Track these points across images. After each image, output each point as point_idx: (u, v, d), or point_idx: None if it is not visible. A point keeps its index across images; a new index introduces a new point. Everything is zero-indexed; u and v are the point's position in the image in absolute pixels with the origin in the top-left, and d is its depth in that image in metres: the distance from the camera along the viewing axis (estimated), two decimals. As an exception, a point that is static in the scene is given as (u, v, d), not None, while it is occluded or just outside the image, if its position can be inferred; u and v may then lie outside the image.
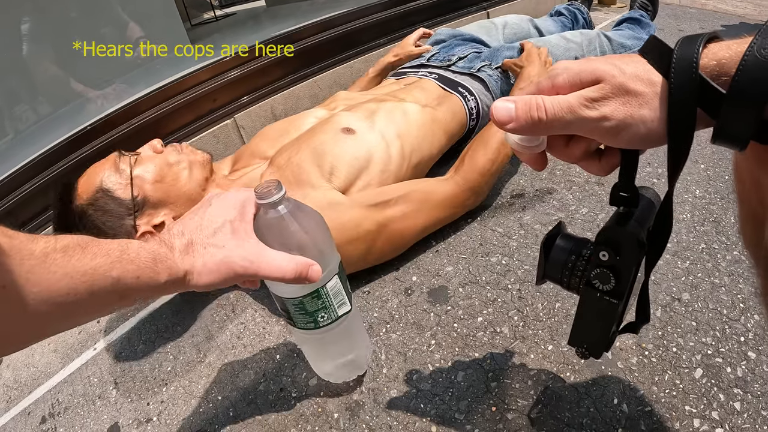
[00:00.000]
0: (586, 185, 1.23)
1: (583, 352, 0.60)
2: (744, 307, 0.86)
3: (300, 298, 0.67)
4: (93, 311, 0.46)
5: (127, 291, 0.47)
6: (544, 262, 0.58)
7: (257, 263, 0.55)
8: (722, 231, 1.04)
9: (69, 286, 0.41)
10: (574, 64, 0.43)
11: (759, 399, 0.72)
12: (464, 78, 1.43)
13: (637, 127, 0.39)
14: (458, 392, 0.80)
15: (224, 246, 0.54)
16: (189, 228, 0.55)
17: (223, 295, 1.12)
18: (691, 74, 0.37)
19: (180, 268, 0.51)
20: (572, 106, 0.41)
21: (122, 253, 0.47)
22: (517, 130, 0.44)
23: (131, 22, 1.71)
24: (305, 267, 0.58)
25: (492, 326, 0.89)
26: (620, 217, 0.50)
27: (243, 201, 0.59)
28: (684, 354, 0.80)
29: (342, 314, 0.73)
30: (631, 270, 0.50)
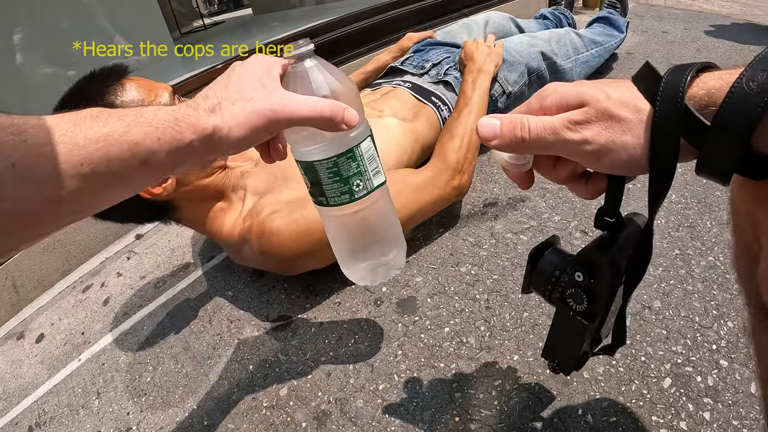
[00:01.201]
0: (559, 192, 1.24)
1: (553, 367, 0.60)
2: (717, 314, 0.86)
3: (334, 159, 0.61)
4: (115, 183, 0.42)
5: (149, 155, 0.42)
6: (530, 272, 0.58)
7: (290, 105, 0.50)
8: (697, 236, 1.03)
9: (82, 156, 0.38)
10: (563, 86, 0.43)
11: (730, 408, 0.72)
12: (437, 86, 1.45)
13: (618, 153, 0.39)
14: (422, 402, 0.81)
15: (253, 98, 0.49)
16: (214, 90, 0.50)
17: (201, 307, 1.15)
18: (677, 103, 0.36)
19: (207, 124, 0.46)
20: (555, 127, 0.41)
21: (138, 117, 0.43)
22: (500, 147, 0.44)
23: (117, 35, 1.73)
24: (341, 108, 0.52)
25: (458, 336, 0.91)
26: (602, 241, 0.51)
27: (269, 62, 0.54)
28: (653, 363, 0.79)
29: (377, 185, 0.66)
30: (605, 294, 0.50)
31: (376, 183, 0.66)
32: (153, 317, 1.17)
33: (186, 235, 1.47)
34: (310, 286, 1.12)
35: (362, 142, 0.63)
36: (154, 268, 1.35)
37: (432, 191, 1.09)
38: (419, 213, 1.08)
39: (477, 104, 1.26)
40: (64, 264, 1.44)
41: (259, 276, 1.20)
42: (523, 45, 1.57)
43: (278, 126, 0.50)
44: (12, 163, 0.35)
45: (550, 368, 0.61)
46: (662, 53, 2.04)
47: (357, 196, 0.64)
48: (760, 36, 2.14)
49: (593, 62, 1.74)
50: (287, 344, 0.98)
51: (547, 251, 0.58)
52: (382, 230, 0.73)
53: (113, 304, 1.26)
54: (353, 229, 0.71)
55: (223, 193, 1.07)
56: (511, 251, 1.08)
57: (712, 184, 1.18)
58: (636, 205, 1.12)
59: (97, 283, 1.37)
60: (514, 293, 0.97)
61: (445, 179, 1.11)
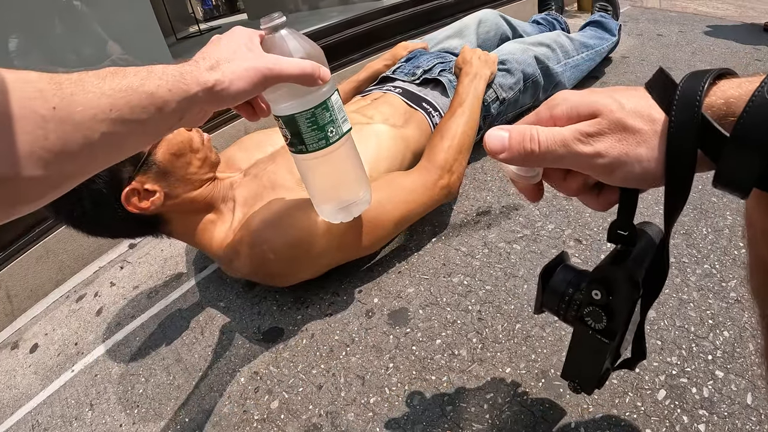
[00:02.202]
0: (553, 200, 1.24)
1: (575, 387, 0.59)
2: (713, 323, 0.85)
3: (312, 110, 0.71)
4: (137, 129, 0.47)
5: (163, 104, 0.48)
6: (542, 292, 0.57)
7: (280, 64, 0.58)
8: (693, 244, 1.03)
9: (109, 103, 0.44)
10: (574, 95, 0.41)
11: (725, 420, 0.71)
12: (428, 91, 1.44)
13: (632, 166, 0.38)
14: (413, 416, 0.81)
15: (245, 59, 0.57)
16: (209, 52, 0.57)
17: (193, 318, 1.15)
18: (694, 113, 0.35)
19: (209, 78, 0.53)
20: (566, 139, 0.40)
21: (150, 72, 0.48)
22: (509, 160, 0.43)
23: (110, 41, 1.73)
24: (317, 66, 0.62)
25: (450, 348, 0.91)
26: (617, 256, 0.49)
27: (248, 32, 0.62)
28: (647, 375, 0.79)
29: (347, 130, 0.77)
30: (624, 311, 0.48)
31: (345, 129, 0.77)
32: (145, 328, 1.17)
33: (179, 244, 1.47)
34: (302, 298, 1.12)
35: (332, 95, 0.73)
36: (147, 278, 1.35)
37: (420, 192, 1.10)
38: (409, 214, 1.09)
39: (470, 106, 1.26)
40: (58, 274, 1.44)
41: (251, 287, 1.20)
42: (517, 50, 1.56)
43: (271, 81, 0.58)
44: (53, 106, 0.40)
45: (570, 388, 0.59)
46: (657, 56, 2.04)
47: (332, 141, 0.75)
48: (755, 37, 2.13)
49: (584, 66, 1.73)
50: (278, 356, 0.98)
51: (558, 269, 0.56)
52: (352, 171, 0.84)
53: (106, 315, 1.26)
54: (328, 172, 0.81)
55: (212, 205, 1.07)
56: (504, 261, 1.08)
57: (708, 189, 1.17)
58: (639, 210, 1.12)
59: (90, 293, 1.36)
60: (507, 304, 0.97)
61: (433, 179, 1.12)
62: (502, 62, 1.49)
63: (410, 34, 2.18)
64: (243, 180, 1.12)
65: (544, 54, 1.59)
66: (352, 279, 1.13)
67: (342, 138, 0.76)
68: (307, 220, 0.98)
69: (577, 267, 0.56)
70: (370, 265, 1.17)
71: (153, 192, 0.96)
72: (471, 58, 1.40)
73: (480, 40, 1.79)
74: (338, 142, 0.76)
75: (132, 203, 0.93)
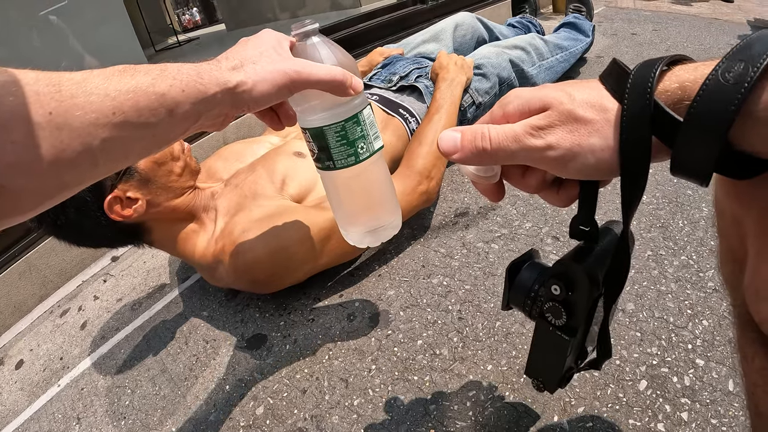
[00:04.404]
0: (530, 199, 1.26)
1: (538, 385, 0.58)
2: (692, 313, 0.86)
3: (342, 123, 0.66)
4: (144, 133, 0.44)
5: (175, 106, 0.45)
6: (509, 289, 0.56)
7: (309, 68, 0.54)
8: (669, 236, 1.05)
9: (113, 106, 0.41)
10: (526, 91, 0.41)
11: (708, 407, 0.72)
12: (404, 98, 1.46)
13: (585, 157, 0.37)
14: (397, 416, 0.82)
15: (273, 61, 0.53)
16: (234, 53, 0.54)
17: (177, 329, 1.15)
18: (646, 99, 0.34)
19: (230, 79, 0.49)
20: (517, 135, 0.39)
21: (162, 71, 0.45)
22: (463, 160, 0.42)
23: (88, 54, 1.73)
24: (349, 75, 0.58)
25: (432, 348, 0.92)
26: (579, 252, 0.49)
27: (278, 36, 0.59)
28: (628, 366, 0.80)
29: (378, 147, 0.72)
30: (584, 307, 0.48)
31: (377, 146, 0.72)
32: (130, 340, 1.17)
33: (161, 256, 1.47)
34: (284, 304, 1.12)
35: (364, 109, 0.68)
36: (130, 290, 1.35)
37: (400, 197, 1.09)
38: None
39: (447, 112, 1.28)
40: (41, 289, 1.43)
41: (234, 295, 1.21)
42: (492, 54, 1.58)
43: (298, 86, 0.54)
44: (49, 111, 0.37)
45: (534, 386, 0.59)
46: (632, 55, 2.07)
47: (362, 158, 0.70)
48: (729, 34, 2.17)
49: (558, 67, 1.76)
50: (263, 363, 0.99)
51: (525, 266, 0.56)
52: (382, 192, 0.78)
53: (90, 328, 1.26)
54: (357, 192, 0.76)
55: (193, 215, 1.08)
56: (483, 260, 1.10)
57: (682, 183, 1.19)
58: (607, 208, 1.14)
59: (74, 307, 1.36)
60: (486, 303, 0.98)
61: (412, 185, 1.13)
62: (477, 67, 1.51)
63: (387, 40, 2.20)
64: (224, 190, 1.13)
65: (518, 57, 1.61)
66: (333, 284, 1.15)
67: (373, 156, 0.71)
68: (289, 228, 0.99)
69: (544, 264, 0.56)
70: (351, 269, 1.18)
71: (135, 200, 0.96)
72: (447, 64, 1.42)
73: (456, 44, 1.81)
74: (369, 159, 0.71)
75: (115, 211, 0.94)
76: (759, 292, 0.35)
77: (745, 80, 0.29)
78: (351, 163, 0.69)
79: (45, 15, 1.64)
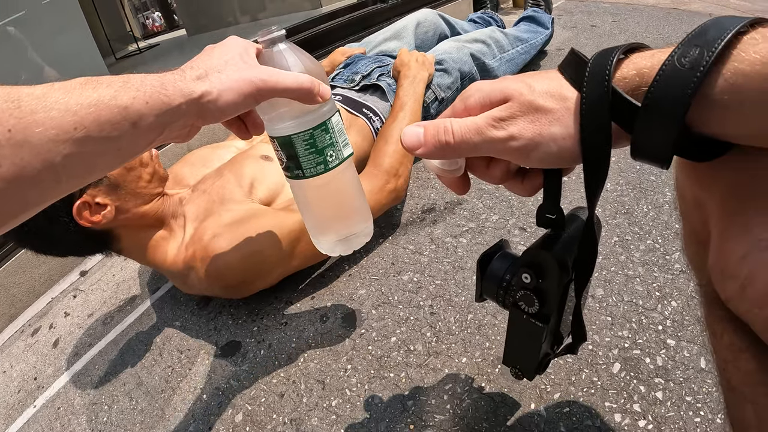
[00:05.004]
0: (496, 192, 1.28)
1: (516, 373, 0.59)
2: (660, 295, 0.88)
3: (310, 131, 0.65)
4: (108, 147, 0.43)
5: (139, 118, 0.44)
6: (481, 280, 0.57)
7: (275, 76, 0.53)
8: (635, 222, 1.07)
9: (75, 121, 0.40)
10: (486, 84, 0.41)
11: (681, 385, 0.73)
12: (367, 97, 1.46)
13: (547, 145, 0.37)
14: (376, 414, 0.82)
15: (239, 69, 0.52)
16: (199, 62, 0.52)
17: (151, 341, 1.14)
18: (604, 86, 0.35)
19: (195, 89, 0.48)
20: (479, 127, 0.39)
21: (125, 83, 0.44)
22: (426, 155, 0.43)
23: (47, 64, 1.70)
24: (317, 82, 0.57)
25: (406, 345, 0.93)
26: (546, 240, 0.49)
27: (244, 43, 0.58)
28: (600, 350, 0.81)
29: (347, 155, 0.72)
30: (555, 293, 0.48)
31: (346, 154, 0.72)
32: (104, 355, 1.16)
33: (130, 267, 1.46)
34: (256, 309, 1.13)
35: (333, 116, 0.68)
36: (100, 305, 1.33)
37: (369, 197, 1.10)
38: None
39: (411, 109, 1.29)
40: (11, 308, 1.41)
41: (206, 303, 1.20)
42: (452, 49, 1.60)
43: (264, 94, 0.53)
44: (8, 129, 0.37)
45: (513, 375, 0.59)
46: (592, 47, 2.11)
47: (331, 166, 0.69)
48: (687, 23, 2.21)
49: (519, 59, 1.78)
50: (238, 369, 0.99)
51: (496, 257, 0.57)
52: (352, 199, 0.78)
53: (63, 346, 1.24)
54: (327, 200, 0.76)
55: (162, 221, 1.07)
56: (452, 255, 1.11)
57: (645, 169, 1.23)
58: (572, 197, 1.16)
59: (45, 325, 1.34)
60: (457, 296, 1.00)
61: (380, 184, 1.13)
62: (438, 62, 1.52)
63: (348, 40, 2.21)
64: (192, 195, 1.13)
65: (479, 50, 1.63)
66: (304, 286, 1.15)
67: (343, 163, 0.71)
68: (260, 232, 1.00)
69: (514, 253, 0.57)
70: (321, 271, 1.18)
71: (104, 206, 0.96)
72: (409, 61, 1.43)
73: (418, 41, 1.82)
74: (338, 167, 0.70)
75: (84, 217, 0.93)
76: (723, 272, 0.36)
77: (701, 65, 0.31)
78: (320, 171, 0.69)
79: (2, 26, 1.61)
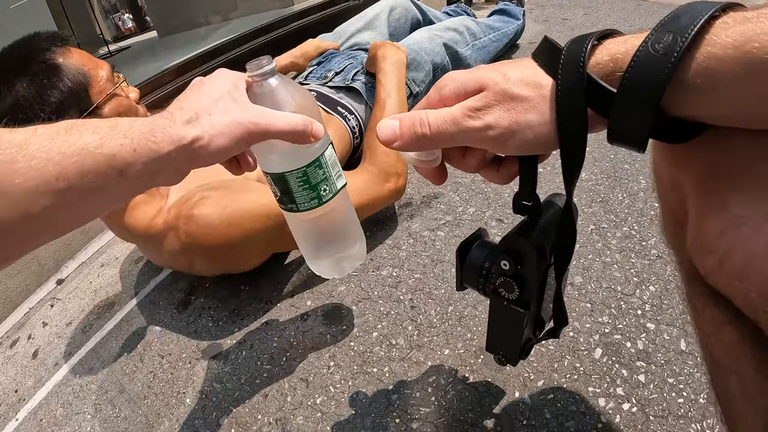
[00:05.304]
0: (472, 185, 1.29)
1: (500, 359, 0.60)
2: (638, 280, 0.90)
3: (304, 169, 0.65)
4: (92, 196, 0.42)
5: (126, 167, 0.42)
6: (461, 269, 0.57)
7: (267, 119, 0.52)
8: (610, 209, 1.09)
9: (56, 171, 0.38)
10: (461, 74, 0.41)
11: (663, 368, 0.75)
12: (341, 95, 1.45)
13: (523, 133, 0.38)
14: (361, 410, 0.83)
15: (229, 110, 0.50)
16: (188, 102, 0.50)
17: (131, 347, 1.13)
18: (579, 73, 0.35)
19: (185, 135, 0.46)
20: (455, 118, 0.40)
21: (112, 129, 0.42)
22: (403, 147, 0.43)
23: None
24: (309, 122, 0.56)
25: (387, 339, 0.94)
26: (523, 227, 0.49)
27: (234, 77, 0.56)
28: (581, 336, 0.83)
29: (341, 186, 0.72)
30: (534, 279, 0.49)
31: (339, 185, 0.72)
32: (84, 364, 1.14)
33: (107, 273, 1.44)
34: (236, 310, 1.12)
35: (326, 150, 0.67)
36: (79, 313, 1.32)
37: (369, 194, 1.08)
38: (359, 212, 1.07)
39: (398, 100, 1.27)
40: (-14, 321, 1.39)
41: (185, 307, 1.20)
42: (424, 40, 1.59)
43: (256, 138, 0.52)
44: None
45: (496, 361, 0.60)
46: (564, 39, 2.02)
47: (325, 200, 0.70)
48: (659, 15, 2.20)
49: (491, 47, 1.79)
50: (221, 372, 0.99)
51: (474, 245, 0.57)
52: (345, 227, 0.79)
53: (43, 356, 1.22)
54: (321, 230, 0.77)
55: None
56: (430, 248, 1.12)
57: (620, 158, 1.25)
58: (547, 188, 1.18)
59: (23, 336, 1.32)
60: (437, 289, 1.01)
61: (379, 183, 1.10)
62: (411, 56, 1.52)
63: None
64: None
65: (452, 39, 1.63)
66: (283, 285, 1.15)
67: (336, 196, 0.71)
68: (249, 201, 0.98)
69: (493, 242, 0.57)
70: (300, 269, 1.19)
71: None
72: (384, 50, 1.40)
73: (391, 29, 1.81)
74: (331, 200, 0.71)
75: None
76: (702, 248, 0.36)
77: (675, 50, 0.31)
78: (314, 206, 0.69)
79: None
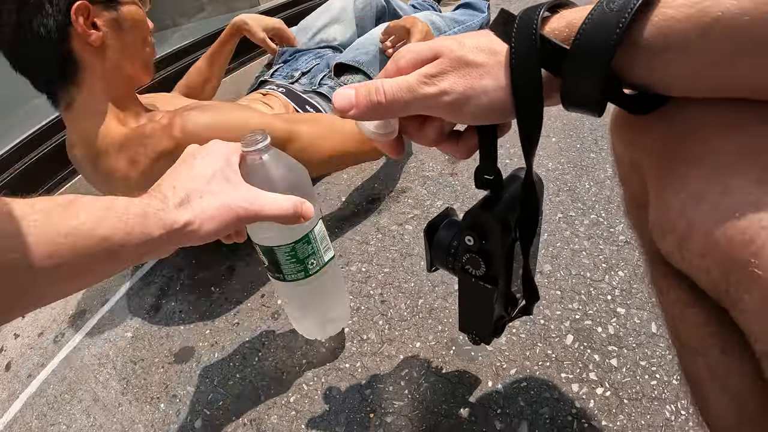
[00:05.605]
0: (440, 178, 1.30)
1: (473, 338, 0.60)
2: (607, 266, 0.91)
3: (292, 245, 0.67)
4: (81, 274, 0.43)
5: (118, 249, 0.44)
6: (430, 250, 0.58)
7: (257, 203, 0.53)
8: (578, 198, 1.11)
9: (50, 249, 0.39)
10: (418, 45, 0.42)
11: (635, 351, 0.77)
12: (311, 95, 1.45)
13: (479, 98, 0.38)
14: (335, 406, 0.84)
15: (221, 192, 0.52)
16: (180, 181, 0.52)
17: (104, 355, 1.13)
18: (532, 35, 0.35)
19: (177, 220, 0.48)
20: (411, 84, 0.40)
21: (107, 211, 0.44)
22: (358, 116, 0.43)
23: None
24: (300, 204, 0.57)
25: (358, 334, 0.95)
26: (486, 201, 0.49)
27: (227, 152, 0.58)
28: (552, 324, 0.84)
29: (328, 259, 0.74)
30: (500, 254, 0.49)
31: (327, 258, 0.75)
32: (57, 374, 1.14)
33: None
34: (207, 312, 1.13)
35: (315, 226, 0.70)
36: (50, 322, 1.30)
37: (357, 143, 1.08)
38: (340, 156, 1.08)
39: None
40: (-44, 336, 1.36)
41: (156, 311, 1.19)
42: None
43: (246, 221, 0.54)
44: None
45: (470, 341, 0.60)
46: None
47: (311, 273, 0.73)
48: None
49: None
50: (193, 375, 0.99)
51: (442, 225, 0.58)
52: (331, 295, 0.83)
53: (15, 368, 1.21)
54: (306, 296, 0.80)
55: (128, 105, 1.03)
56: (398, 242, 1.13)
57: (586, 146, 1.27)
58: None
59: (-5, 349, 1.31)
60: (407, 282, 1.02)
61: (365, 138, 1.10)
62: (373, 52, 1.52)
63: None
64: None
65: None
66: (253, 285, 1.15)
67: (323, 268, 0.74)
68: (241, 118, 0.97)
69: (459, 220, 0.58)
70: (270, 267, 1.18)
71: (98, 29, 0.92)
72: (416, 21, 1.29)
73: (358, 20, 1.78)
74: (318, 273, 0.73)
75: (79, 22, 0.89)
76: (663, 228, 0.37)
77: (628, 7, 0.31)
78: (300, 278, 0.72)
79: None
